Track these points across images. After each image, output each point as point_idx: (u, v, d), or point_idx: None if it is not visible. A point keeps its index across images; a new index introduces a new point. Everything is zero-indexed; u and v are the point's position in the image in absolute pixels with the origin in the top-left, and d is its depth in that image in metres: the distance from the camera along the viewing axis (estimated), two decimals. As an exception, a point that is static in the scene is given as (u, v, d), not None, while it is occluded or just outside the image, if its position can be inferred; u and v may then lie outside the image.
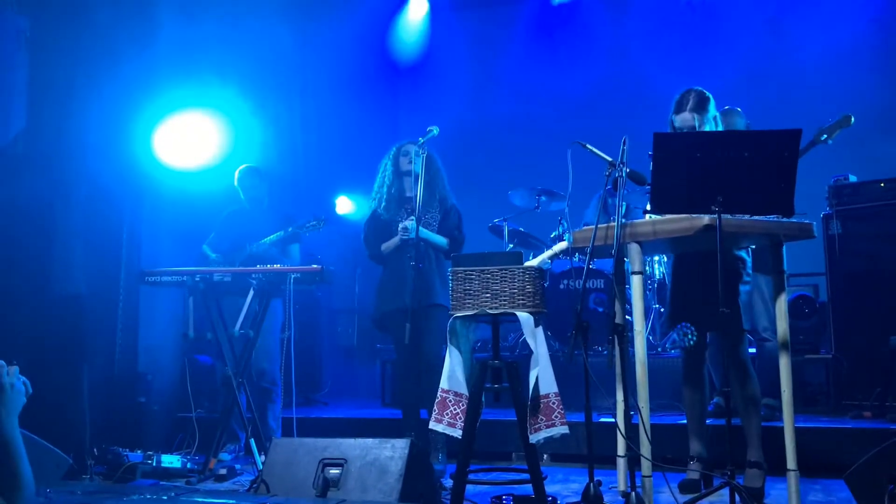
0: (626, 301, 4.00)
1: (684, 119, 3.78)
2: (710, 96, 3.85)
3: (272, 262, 4.91)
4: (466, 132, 7.78)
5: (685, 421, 4.00)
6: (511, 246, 6.76)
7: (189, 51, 6.01)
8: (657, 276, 6.22)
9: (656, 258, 6.13)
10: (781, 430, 3.53)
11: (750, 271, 3.83)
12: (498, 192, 7.17)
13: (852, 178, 5.24)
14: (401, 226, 4.60)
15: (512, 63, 8.61)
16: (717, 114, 3.87)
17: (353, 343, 8.25)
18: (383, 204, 4.75)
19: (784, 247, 3.62)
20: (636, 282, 3.46)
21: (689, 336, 3.15)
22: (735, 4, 7.80)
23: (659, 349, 6.06)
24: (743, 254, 3.81)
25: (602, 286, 5.98)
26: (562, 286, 6.17)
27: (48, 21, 5.42)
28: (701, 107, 3.78)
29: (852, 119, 4.58)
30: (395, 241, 4.66)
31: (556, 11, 8.62)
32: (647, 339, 6.05)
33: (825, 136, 4.61)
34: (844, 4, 7.32)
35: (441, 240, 4.68)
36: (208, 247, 5.35)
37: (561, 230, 6.41)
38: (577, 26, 8.49)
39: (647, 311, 6.10)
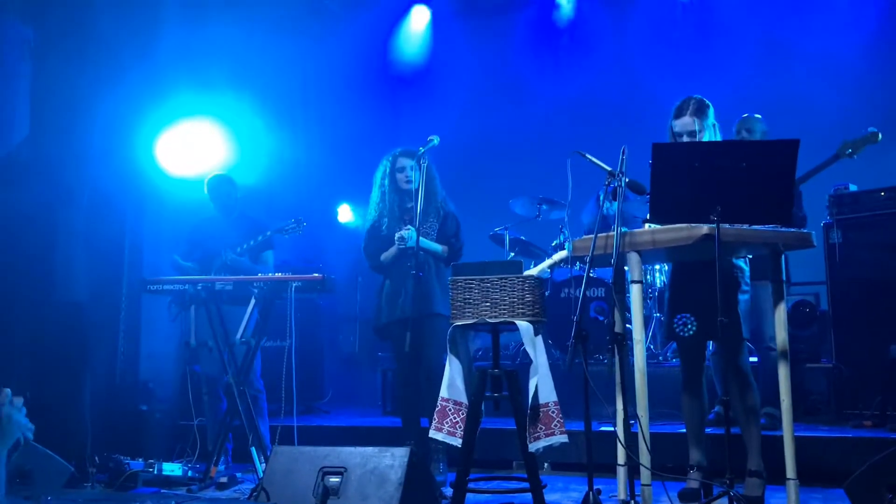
0: (627, 310, 4.01)
1: (685, 124, 3.79)
2: (710, 104, 3.87)
3: (244, 271, 4.90)
4: (468, 140, 7.80)
5: (685, 430, 4.01)
6: (512, 254, 6.77)
7: (192, 60, 6.05)
8: (658, 285, 6.23)
9: (657, 267, 6.14)
10: (782, 438, 3.54)
11: (748, 280, 3.83)
12: (499, 200, 7.19)
13: (853, 188, 5.25)
14: (397, 235, 4.59)
15: (514, 72, 8.63)
16: (717, 123, 3.89)
17: (355, 351, 8.26)
18: (385, 221, 4.73)
19: (783, 256, 3.63)
20: (635, 291, 3.46)
21: (689, 326, 3.15)
22: (736, 16, 7.81)
23: (660, 358, 6.06)
24: (741, 263, 3.81)
25: (603, 295, 5.98)
26: (563, 295, 6.17)
27: (52, 30, 5.46)
28: (701, 112, 3.80)
29: (880, 136, 4.55)
30: (393, 250, 4.67)
31: (557, 21, 8.65)
32: (648, 347, 6.06)
33: (850, 150, 4.59)
34: (843, 16, 7.33)
35: (438, 247, 4.68)
36: (179, 257, 5.23)
37: (562, 238, 6.42)
38: (579, 36, 8.52)
39: (647, 320, 6.10)
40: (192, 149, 6.05)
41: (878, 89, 7.04)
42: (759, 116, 5.01)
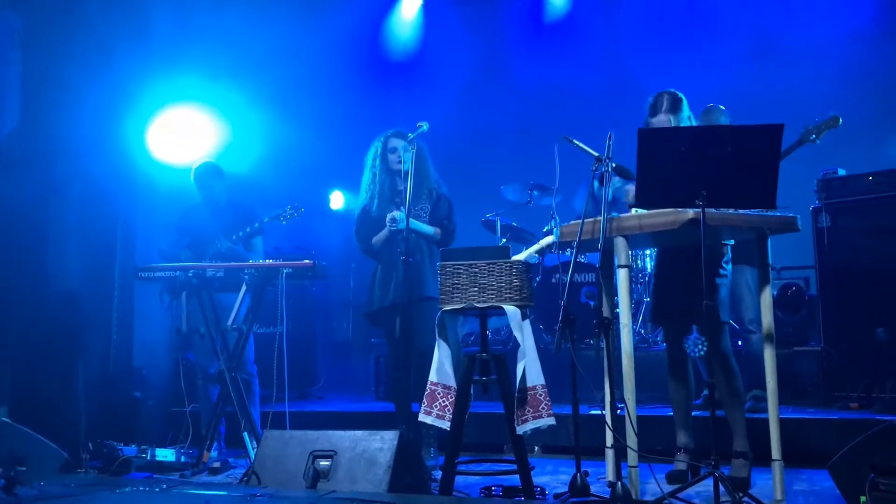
0: (615, 294, 4.04)
1: (659, 121, 3.84)
2: (683, 97, 3.89)
3: (238, 259, 4.91)
4: (460, 126, 7.80)
5: (672, 413, 4.04)
6: (504, 240, 6.79)
7: (182, 46, 6.02)
8: (648, 270, 6.26)
9: (647, 252, 6.17)
10: (768, 420, 3.59)
11: (726, 265, 3.86)
12: (491, 186, 7.21)
13: (841, 172, 5.27)
14: (389, 216, 4.57)
15: (505, 58, 8.64)
16: (692, 114, 3.91)
17: (348, 337, 8.30)
18: (375, 202, 4.70)
19: (769, 239, 3.66)
20: (622, 275, 3.49)
21: (700, 346, 3.18)
22: (725, 4, 7.81)
23: (651, 341, 6.10)
24: (720, 248, 3.83)
25: (593, 280, 6.02)
26: (554, 280, 6.21)
27: (41, 18, 5.44)
28: (675, 108, 3.83)
29: (840, 120, 4.60)
30: (384, 233, 4.64)
31: (548, 8, 8.65)
32: (639, 332, 6.10)
33: (813, 135, 4.63)
34: (832, 5, 7.34)
35: (431, 230, 4.66)
36: (168, 245, 5.24)
37: (553, 224, 6.44)
38: (570, 23, 8.52)
39: (637, 305, 6.14)
40: (184, 136, 6.05)
41: (868, 78, 7.06)
42: (722, 107, 5.02)
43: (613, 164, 3.54)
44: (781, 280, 6.12)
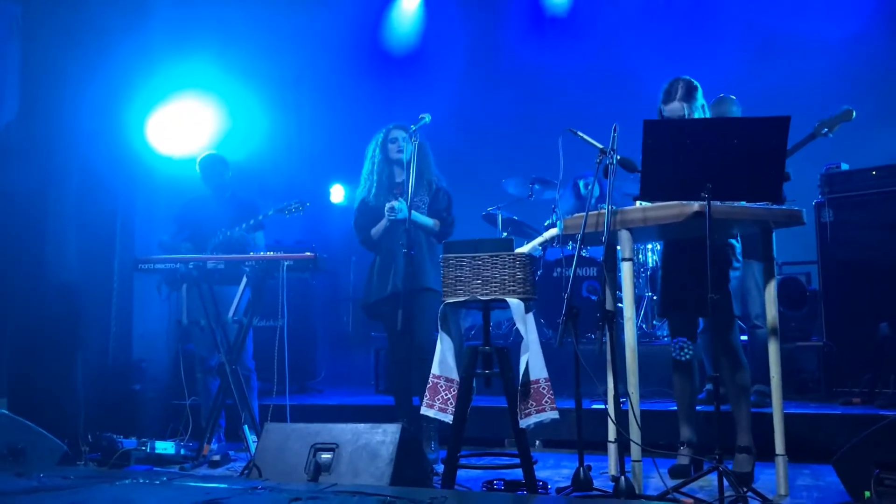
0: (618, 288, 4.02)
1: (673, 109, 3.78)
2: (698, 85, 3.85)
3: (247, 245, 4.89)
4: (461, 120, 7.76)
5: (676, 407, 4.03)
6: (505, 234, 6.77)
7: (182, 36, 6.00)
8: (650, 265, 6.24)
9: (649, 246, 6.15)
10: (771, 415, 3.57)
11: (740, 257, 3.84)
12: (492, 180, 7.19)
13: (844, 167, 5.24)
14: (388, 206, 4.57)
15: (507, 50, 8.59)
16: (705, 102, 3.88)
17: (348, 331, 8.28)
18: (373, 191, 4.70)
19: (774, 234, 3.64)
20: (626, 268, 3.47)
21: (686, 350, 3.17)
22: None
23: (658, 331, 6.08)
24: (732, 240, 3.82)
25: (595, 274, 6.00)
26: (555, 274, 6.19)
27: (41, 7, 5.41)
28: (689, 96, 3.79)
29: (853, 113, 4.56)
30: (383, 223, 4.64)
31: (550, 1, 8.62)
32: (641, 326, 6.08)
33: (826, 129, 4.60)
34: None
35: (429, 221, 4.65)
36: (168, 237, 5.21)
37: (554, 218, 6.43)
38: (572, 15, 8.48)
39: (639, 299, 6.12)
40: (184, 127, 6.02)
41: (872, 72, 7.03)
42: (733, 97, 4.99)
43: (618, 157, 3.52)
44: (783, 275, 6.10)
